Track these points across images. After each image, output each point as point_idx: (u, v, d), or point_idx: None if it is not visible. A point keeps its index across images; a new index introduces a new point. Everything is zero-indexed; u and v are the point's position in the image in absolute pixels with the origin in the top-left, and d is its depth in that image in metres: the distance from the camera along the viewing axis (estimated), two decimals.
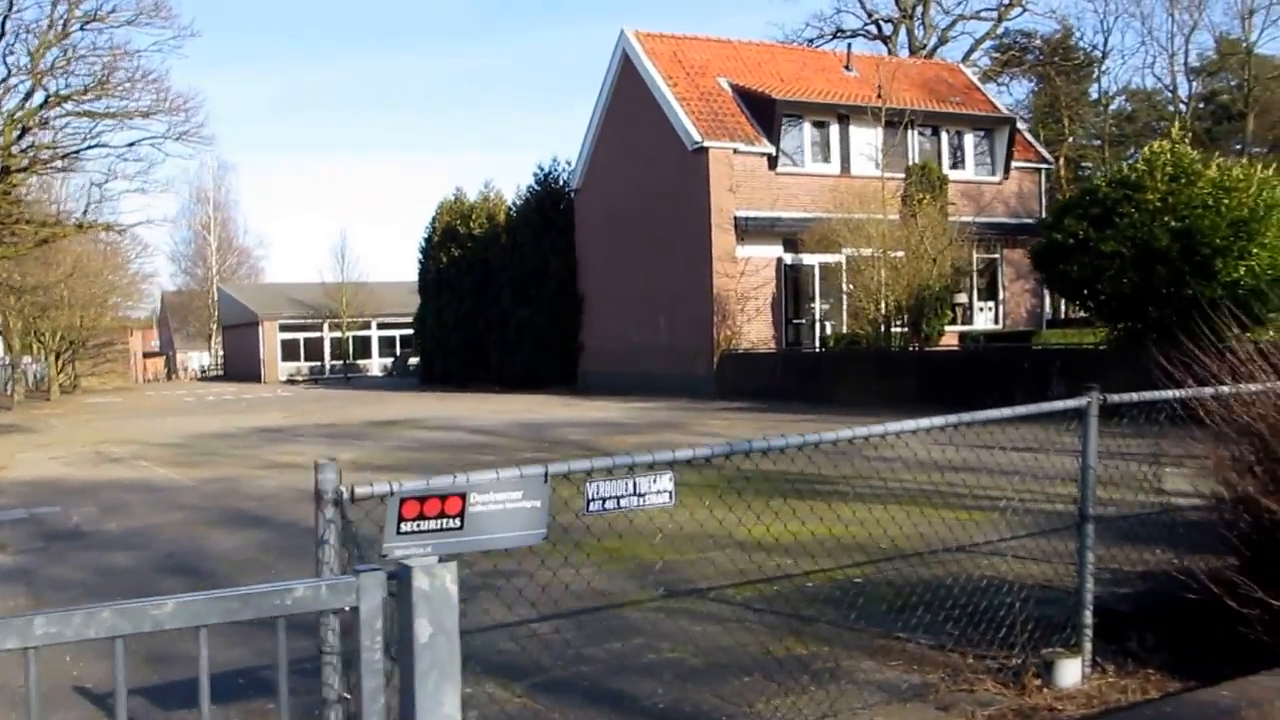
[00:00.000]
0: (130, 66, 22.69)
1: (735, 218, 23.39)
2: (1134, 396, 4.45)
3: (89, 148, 22.82)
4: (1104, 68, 44.52)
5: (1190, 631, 4.31)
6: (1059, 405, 4.24)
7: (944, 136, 26.26)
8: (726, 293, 23.39)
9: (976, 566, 5.71)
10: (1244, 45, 31.17)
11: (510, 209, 30.88)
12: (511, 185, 63.02)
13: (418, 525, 2.55)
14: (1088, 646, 4.22)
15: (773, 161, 24.08)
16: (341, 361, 44.47)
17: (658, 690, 4.14)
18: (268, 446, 15.40)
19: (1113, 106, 45.47)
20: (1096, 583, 5.17)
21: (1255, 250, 15.34)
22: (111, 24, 22.45)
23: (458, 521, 2.62)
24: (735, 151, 23.56)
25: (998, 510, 6.94)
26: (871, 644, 4.67)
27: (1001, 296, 26.87)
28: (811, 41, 36.56)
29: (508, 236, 29.95)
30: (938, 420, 3.87)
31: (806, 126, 24.68)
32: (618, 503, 3.04)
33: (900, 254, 20.43)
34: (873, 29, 36.76)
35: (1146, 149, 17.60)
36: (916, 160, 25.17)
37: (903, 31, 36.81)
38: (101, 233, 28.75)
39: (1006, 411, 4.13)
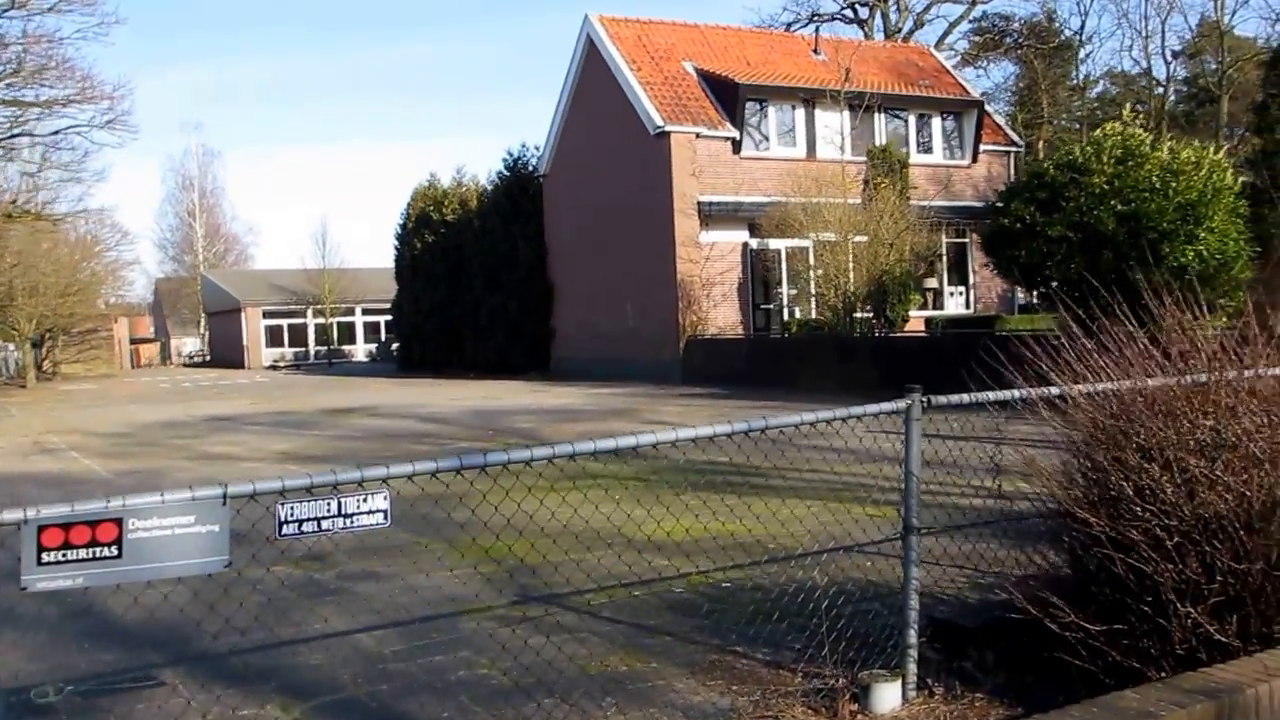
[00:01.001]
0: (51, 54, 22.53)
1: (699, 202, 23.30)
2: (965, 397, 4.11)
3: (12, 136, 22.60)
4: (1086, 52, 44.40)
5: (1029, 651, 3.91)
6: (883, 407, 3.89)
7: (911, 120, 26.12)
8: (691, 278, 23.32)
9: (858, 569, 5.54)
10: (1218, 27, 30.88)
11: (483, 195, 30.80)
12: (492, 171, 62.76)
13: (63, 555, 2.42)
14: (911, 668, 3.91)
15: (737, 146, 23.97)
16: (325, 347, 44.49)
17: (443, 715, 3.94)
18: (211, 436, 15.41)
19: (1096, 90, 45.31)
20: (948, 591, 4.98)
21: (1202, 235, 15.26)
22: (33, 10, 22.24)
23: (114, 549, 2.50)
24: (698, 136, 23.45)
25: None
26: (704, 660, 4.42)
27: (972, 281, 26.77)
28: (789, 26, 36.35)
29: (479, 223, 29.88)
30: (740, 425, 3.59)
31: (771, 110, 24.55)
32: (318, 525, 2.82)
33: (862, 239, 20.38)
34: (849, 13, 36.55)
35: (1099, 131, 17.50)
36: (883, 144, 25.06)
37: (879, 15, 36.58)
38: (35, 223, 28.58)
39: (825, 414, 3.84)
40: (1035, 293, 17.42)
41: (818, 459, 8.10)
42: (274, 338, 46.54)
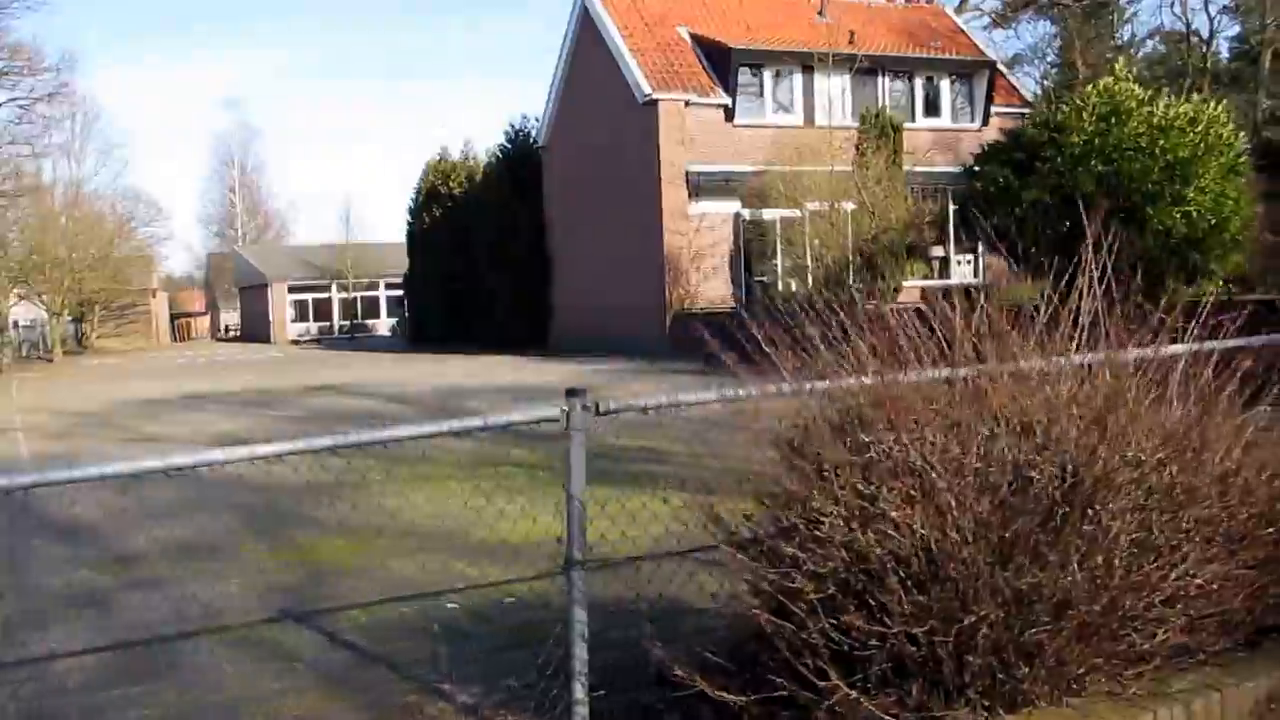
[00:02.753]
0: None
1: (688, 172, 22.66)
2: (641, 402, 3.47)
3: None
4: (1133, 10, 42.26)
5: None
6: (538, 414, 3.31)
7: (918, 82, 25.07)
8: (678, 251, 22.74)
9: (670, 582, 4.67)
10: None
11: (487, 168, 30.49)
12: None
13: None
14: None
15: (730, 113, 23.25)
16: (349, 322, 44.80)
17: None
18: (169, 416, 15.37)
19: (1143, 50, 43.13)
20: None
21: (1192, 195, 14.27)
22: None
23: None
24: (687, 104, 22.77)
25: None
26: (399, 701, 3.96)
27: (981, 249, 25.69)
28: None
29: (482, 196, 29.59)
30: (320, 441, 3.13)
31: (766, 76, 23.74)
32: None
33: (851, 207, 19.61)
34: None
35: (1089, 87, 16.46)
36: (887, 108, 24.10)
37: None
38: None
39: (475, 421, 3.37)
40: (1016, 261, 16.49)
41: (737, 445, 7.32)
42: (300, 312, 47.04)
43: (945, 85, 25.39)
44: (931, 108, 25.31)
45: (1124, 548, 2.92)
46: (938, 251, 24.81)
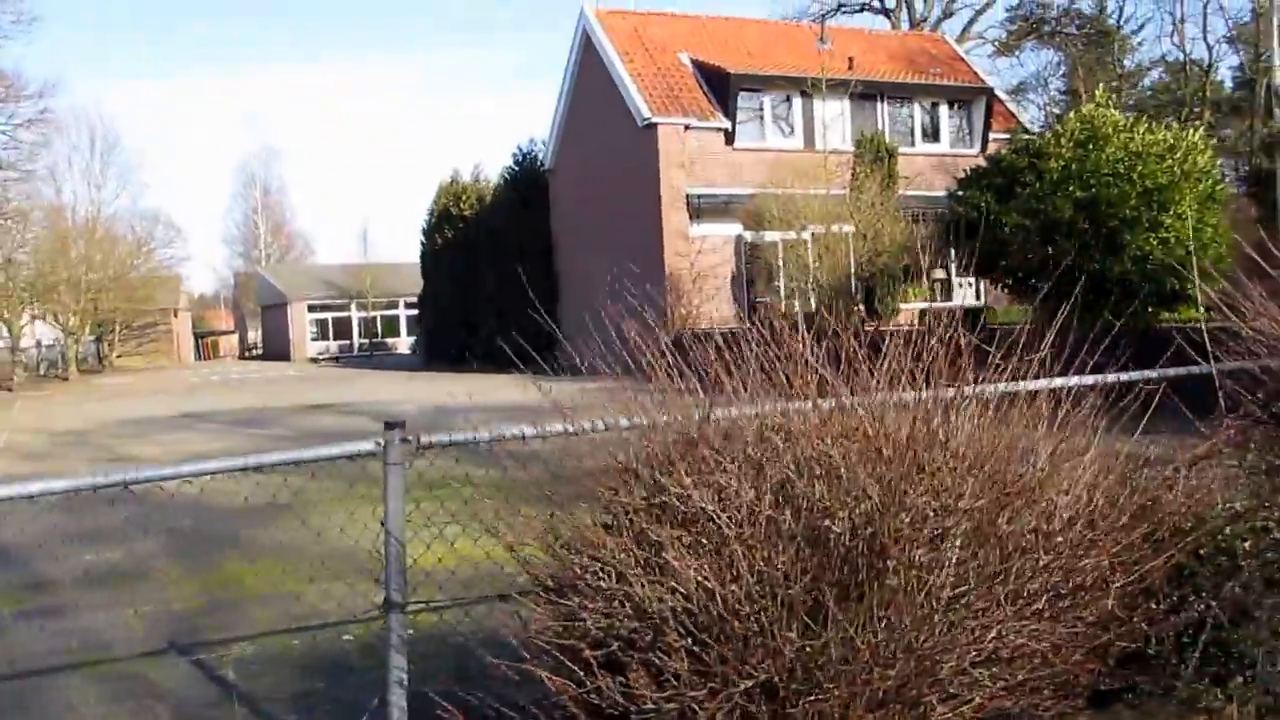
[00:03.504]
0: None
1: (688, 195, 23.08)
2: (463, 435, 3.49)
3: None
4: (1139, 39, 42.41)
5: None
6: (350, 449, 3.29)
7: (916, 109, 25.40)
8: (680, 272, 23.12)
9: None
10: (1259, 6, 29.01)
11: (496, 190, 31.08)
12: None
13: None
14: None
15: (730, 137, 23.68)
16: (368, 340, 45.54)
17: None
18: (154, 436, 15.62)
19: (1148, 79, 43.22)
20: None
21: (1168, 221, 14.46)
22: None
23: None
24: (687, 128, 23.22)
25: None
26: None
27: None
28: (823, 19, 35.60)
29: (491, 217, 30.15)
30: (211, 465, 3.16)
31: (766, 100, 24.17)
32: None
33: (847, 229, 19.92)
34: (877, 4, 35.64)
35: (1073, 113, 16.73)
36: (884, 133, 24.44)
37: (916, 5, 35.61)
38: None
39: (307, 454, 3.33)
40: (1000, 286, 16.73)
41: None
42: (321, 331, 47.90)
43: (944, 111, 25.70)
44: (930, 133, 25.61)
45: (930, 604, 2.66)
46: (939, 274, 25.05)
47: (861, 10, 36.21)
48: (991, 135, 25.59)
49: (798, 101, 24.25)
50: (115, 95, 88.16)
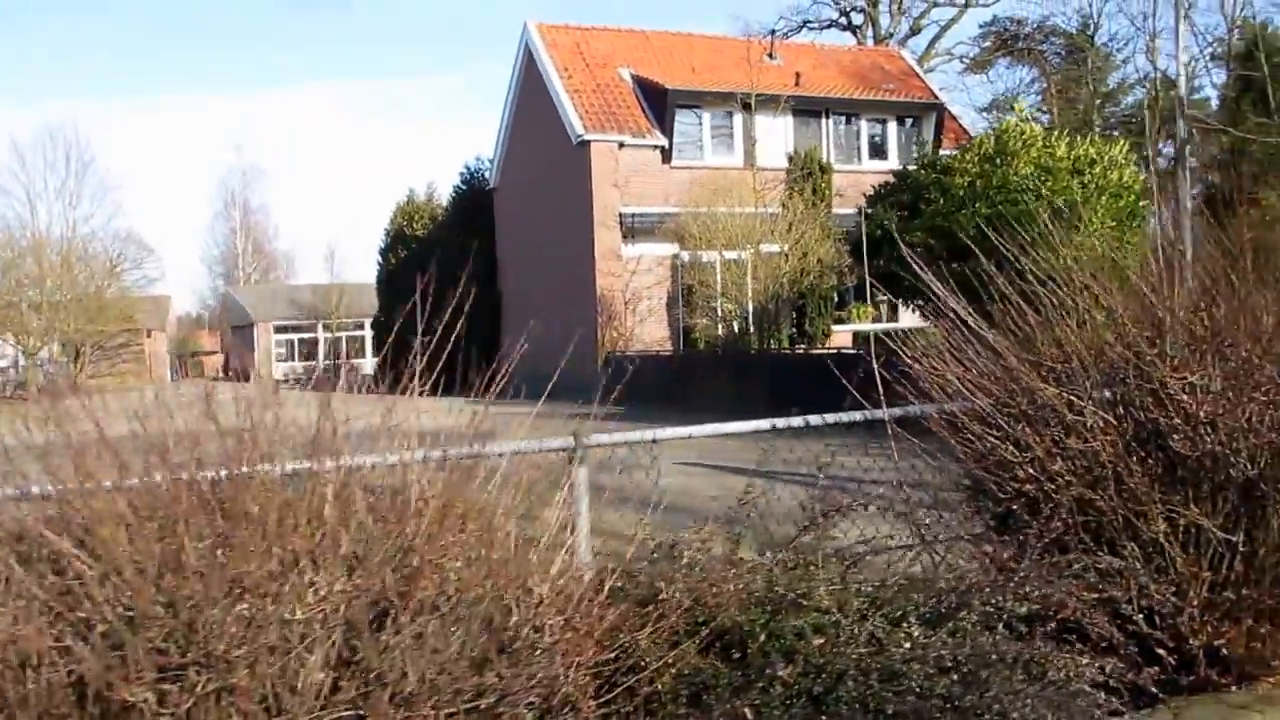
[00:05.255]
0: None
1: (621, 214, 22.42)
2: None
3: None
4: (1122, 58, 41.83)
5: None
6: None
7: (864, 125, 24.73)
8: (612, 293, 22.44)
9: None
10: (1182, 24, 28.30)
11: (445, 209, 30.55)
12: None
13: None
14: None
15: (667, 154, 23.04)
16: (333, 362, 44.97)
17: None
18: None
19: (1132, 96, 42.58)
20: None
21: (1080, 239, 13.73)
22: None
23: None
24: (622, 145, 22.58)
25: None
26: None
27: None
28: (787, 35, 35.07)
29: (439, 237, 29.59)
30: None
31: (706, 117, 23.53)
32: None
33: (773, 249, 19.24)
34: (844, 20, 35.09)
35: (1002, 126, 16.04)
36: (831, 151, 23.82)
37: (881, 21, 35.05)
38: None
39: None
40: (910, 306, 15.99)
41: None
42: (289, 352, 47.31)
43: (892, 128, 25.03)
44: (878, 150, 24.93)
45: None
46: (883, 295, 24.33)
47: (829, 26, 35.71)
48: (943, 152, 24.90)
49: (739, 119, 23.61)
50: (92, 116, 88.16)
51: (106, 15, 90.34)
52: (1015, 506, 3.51)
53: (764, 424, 4.09)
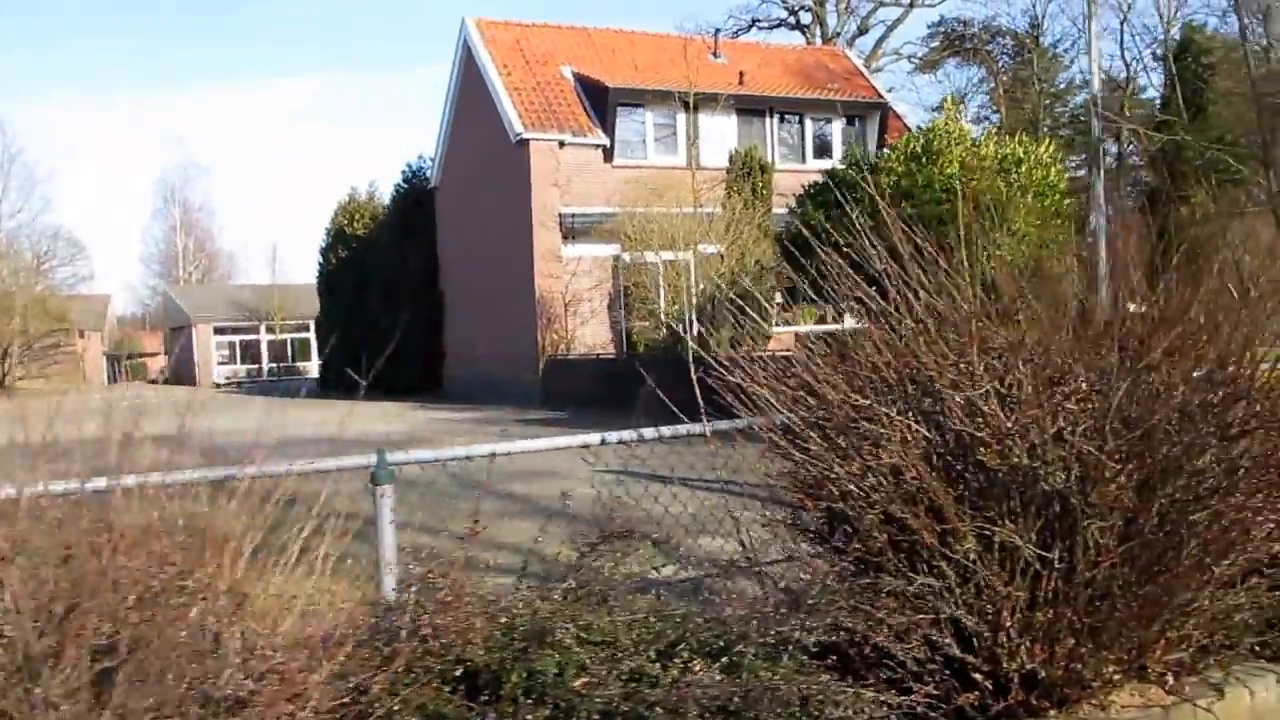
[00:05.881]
0: None
1: (561, 214, 22.13)
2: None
3: None
4: (1070, 56, 42.28)
5: None
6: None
7: (808, 124, 24.67)
8: (551, 294, 22.13)
9: None
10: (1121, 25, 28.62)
11: (387, 209, 30.07)
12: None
13: None
14: None
15: (609, 154, 22.79)
16: (276, 364, 44.17)
17: None
18: None
19: (1080, 96, 42.99)
20: None
21: (1004, 240, 13.70)
22: None
23: None
24: (562, 144, 22.29)
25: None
26: None
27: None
28: (735, 34, 34.97)
29: (380, 237, 29.13)
30: None
31: (649, 116, 23.30)
32: None
33: (710, 250, 19.06)
34: (792, 20, 35.08)
35: (930, 125, 16.00)
36: (775, 150, 23.73)
37: (829, 21, 35.09)
38: None
39: None
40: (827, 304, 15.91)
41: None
42: (231, 354, 46.32)
43: (837, 127, 24.99)
44: (824, 150, 24.87)
45: None
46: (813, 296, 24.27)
47: (778, 26, 35.67)
48: (886, 150, 24.91)
49: (682, 118, 23.41)
50: (22, 110, 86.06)
51: (36, 13, 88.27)
52: (829, 526, 3.32)
53: (594, 438, 3.88)
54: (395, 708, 2.36)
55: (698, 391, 3.66)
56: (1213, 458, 3.26)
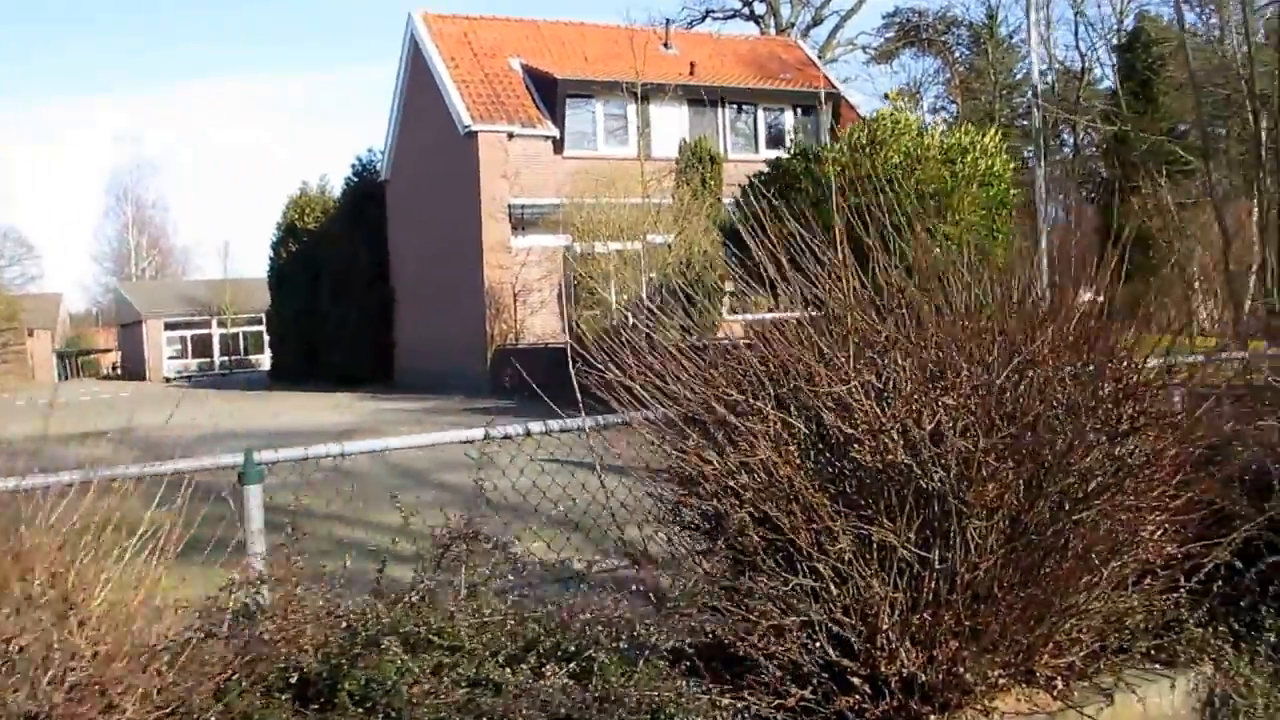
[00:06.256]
0: None
1: (510, 205, 21.92)
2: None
3: None
4: (1026, 50, 42.69)
5: None
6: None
7: (760, 114, 24.63)
8: (501, 285, 21.94)
9: None
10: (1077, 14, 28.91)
11: (336, 202, 29.67)
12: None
13: None
14: None
15: (559, 145, 22.59)
16: (228, 358, 43.53)
17: None
18: None
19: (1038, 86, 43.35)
20: None
21: (946, 229, 13.70)
22: None
23: None
24: (511, 136, 22.07)
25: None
26: None
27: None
28: (667, 21, 34.79)
29: (330, 230, 28.74)
30: None
31: (599, 107, 23.13)
32: None
33: (659, 240, 18.96)
34: (747, 11, 35.04)
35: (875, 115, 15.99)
36: (727, 141, 23.67)
37: (782, 11, 35.07)
38: None
39: None
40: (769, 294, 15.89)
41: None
42: (182, 349, 45.59)
43: (789, 117, 24.98)
44: (776, 140, 24.85)
45: None
46: (730, 287, 24.30)
47: (732, 17, 35.59)
48: (831, 141, 24.94)
49: (632, 109, 23.26)
50: None
51: None
52: (704, 524, 3.21)
53: (478, 433, 3.73)
54: (215, 718, 2.23)
55: (576, 387, 3.52)
56: (1101, 456, 3.19)
